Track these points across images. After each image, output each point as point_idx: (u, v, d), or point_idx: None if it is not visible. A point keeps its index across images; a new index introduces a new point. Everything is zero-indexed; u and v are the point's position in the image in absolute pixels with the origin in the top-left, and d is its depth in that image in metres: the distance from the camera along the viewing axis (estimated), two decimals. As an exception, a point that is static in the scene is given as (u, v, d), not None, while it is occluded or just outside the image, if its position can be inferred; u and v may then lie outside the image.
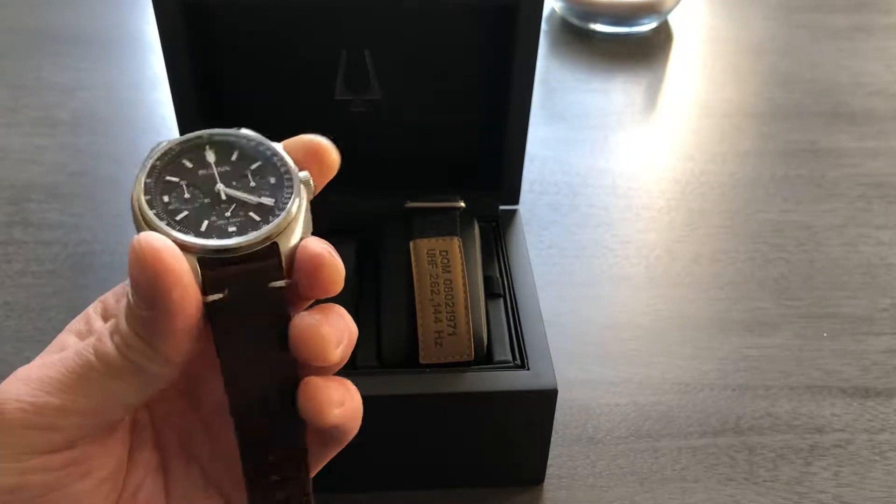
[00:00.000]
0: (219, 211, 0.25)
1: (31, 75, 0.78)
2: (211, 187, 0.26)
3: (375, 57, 0.50)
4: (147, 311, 0.23)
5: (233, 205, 0.25)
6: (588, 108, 0.77)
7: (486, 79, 0.51)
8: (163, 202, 0.25)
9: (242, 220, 0.25)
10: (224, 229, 0.25)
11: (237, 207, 0.25)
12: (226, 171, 0.26)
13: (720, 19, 0.91)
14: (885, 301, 0.59)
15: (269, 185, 0.26)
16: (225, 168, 0.26)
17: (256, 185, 0.26)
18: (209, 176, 0.26)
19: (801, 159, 0.71)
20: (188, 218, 0.25)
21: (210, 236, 0.24)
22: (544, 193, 0.67)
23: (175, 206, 0.25)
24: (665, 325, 0.57)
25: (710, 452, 0.49)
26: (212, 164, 0.26)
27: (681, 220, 0.65)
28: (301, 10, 0.48)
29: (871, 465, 0.49)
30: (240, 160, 0.26)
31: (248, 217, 0.25)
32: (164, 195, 0.25)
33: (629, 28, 0.87)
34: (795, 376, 0.54)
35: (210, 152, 0.26)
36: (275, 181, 0.26)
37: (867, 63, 0.83)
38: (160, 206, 0.25)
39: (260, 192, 0.26)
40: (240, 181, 0.26)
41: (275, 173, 0.26)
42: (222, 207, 0.25)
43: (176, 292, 0.22)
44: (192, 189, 0.25)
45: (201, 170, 0.26)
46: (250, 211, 0.25)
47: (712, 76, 0.82)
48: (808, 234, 0.64)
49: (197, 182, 0.26)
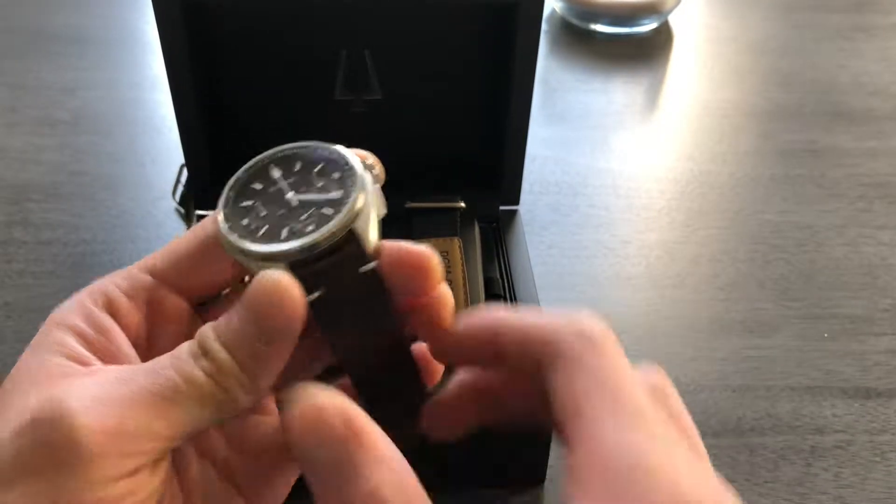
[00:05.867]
0: (294, 216, 0.26)
1: (31, 75, 0.78)
2: (282, 199, 0.27)
3: (375, 57, 0.50)
4: (266, 346, 0.23)
5: (306, 208, 0.26)
6: (588, 109, 0.77)
7: (486, 79, 0.51)
8: (242, 226, 0.26)
9: (317, 218, 0.26)
10: (302, 231, 0.25)
11: (310, 209, 0.26)
12: (293, 181, 0.27)
13: (720, 19, 0.91)
14: (886, 301, 0.59)
15: (335, 181, 0.27)
16: (291, 179, 0.27)
17: (324, 184, 0.27)
18: (278, 190, 0.27)
19: (801, 159, 0.71)
20: (268, 231, 0.26)
21: (291, 241, 0.25)
22: (544, 194, 0.67)
23: (255, 226, 0.26)
24: (665, 325, 0.57)
25: (711, 453, 0.48)
26: (278, 179, 0.27)
27: (681, 221, 0.65)
28: (301, 10, 0.48)
29: (872, 466, 0.49)
30: (303, 168, 0.27)
31: (322, 214, 0.26)
32: (242, 220, 0.26)
33: (629, 28, 0.87)
34: (796, 377, 0.54)
35: (275, 169, 0.28)
36: (339, 175, 0.27)
37: (867, 63, 0.83)
38: (241, 230, 0.26)
39: (328, 189, 0.26)
40: (307, 186, 0.27)
41: (338, 169, 0.27)
42: (296, 213, 0.26)
43: (296, 332, 0.23)
44: (266, 206, 0.27)
45: (271, 188, 0.27)
46: (322, 208, 0.26)
47: (712, 76, 0.82)
48: (809, 234, 0.64)
49: (269, 199, 0.27)
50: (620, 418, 0.21)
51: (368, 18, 0.49)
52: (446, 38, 0.50)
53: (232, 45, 0.49)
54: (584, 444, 0.21)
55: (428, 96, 0.52)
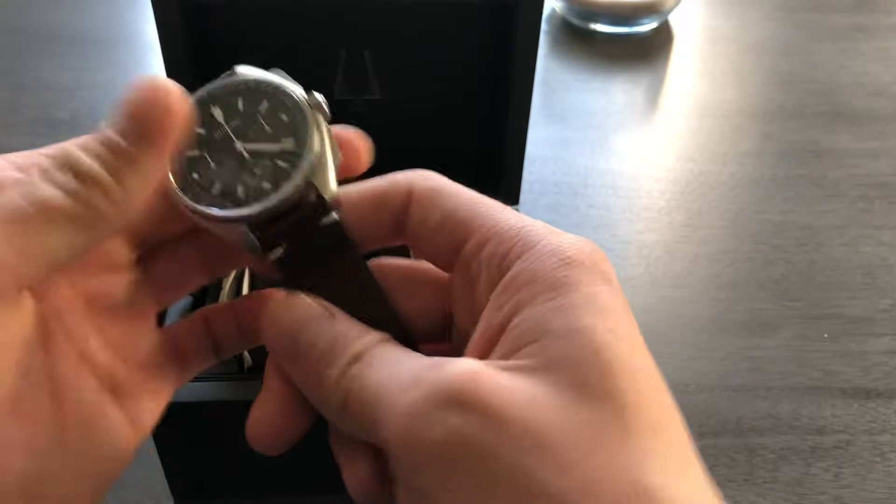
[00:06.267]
0: (247, 170, 0.25)
1: (31, 75, 0.78)
2: (230, 147, 0.25)
3: (375, 57, 0.50)
4: (135, 145, 0.22)
5: (258, 159, 0.25)
6: (588, 109, 0.77)
7: (485, 79, 0.51)
8: (194, 181, 0.25)
9: (272, 171, 0.25)
10: (260, 188, 0.24)
11: (262, 160, 0.25)
12: (237, 124, 0.26)
13: (720, 19, 0.91)
14: (886, 302, 0.59)
15: (285, 125, 0.25)
16: (236, 122, 0.26)
17: (272, 129, 0.25)
18: (225, 136, 0.25)
19: (802, 160, 0.71)
20: (224, 189, 0.25)
21: (249, 202, 0.24)
22: (544, 194, 0.67)
23: (206, 180, 0.25)
24: (665, 325, 0.57)
25: (711, 453, 0.49)
26: (222, 122, 0.26)
27: (681, 221, 0.65)
28: (300, 10, 0.48)
29: (872, 467, 0.49)
30: (246, 107, 0.26)
31: (276, 167, 0.25)
32: (192, 173, 0.25)
33: (629, 28, 0.86)
34: (796, 377, 0.54)
35: (216, 109, 0.26)
36: (287, 118, 0.26)
37: (868, 63, 0.83)
38: (194, 187, 0.25)
39: (278, 137, 0.25)
40: (255, 131, 0.26)
41: (284, 110, 0.26)
42: (249, 165, 0.25)
43: (174, 134, 0.22)
44: (215, 156, 0.25)
45: (215, 132, 0.26)
46: (276, 159, 0.25)
47: (712, 76, 0.82)
48: (809, 234, 0.64)
49: (216, 146, 0.25)
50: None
51: (368, 18, 0.49)
52: (446, 38, 0.50)
53: (232, 45, 0.49)
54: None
55: (427, 96, 0.52)
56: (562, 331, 0.20)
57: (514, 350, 0.21)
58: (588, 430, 0.19)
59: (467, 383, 0.19)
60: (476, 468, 0.18)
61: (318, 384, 0.23)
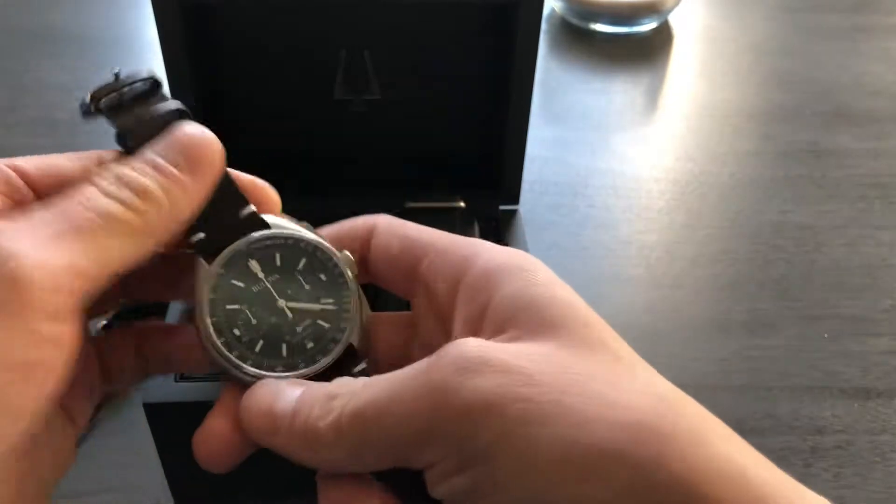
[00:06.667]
0: (289, 327, 0.26)
1: (31, 75, 0.78)
2: (272, 304, 0.26)
3: (375, 57, 0.50)
4: (185, 173, 0.25)
5: (299, 318, 0.26)
6: (588, 109, 0.77)
7: (485, 79, 0.51)
8: (235, 336, 0.26)
9: (314, 331, 0.26)
10: (303, 347, 0.26)
11: (304, 318, 0.26)
12: (276, 280, 0.27)
13: (720, 20, 0.91)
14: (886, 302, 0.59)
15: (323, 284, 0.27)
16: (275, 276, 0.27)
17: (311, 287, 0.27)
18: (265, 291, 0.26)
19: (802, 160, 0.71)
20: (266, 346, 0.26)
21: (297, 365, 0.26)
22: (545, 194, 0.67)
23: (249, 337, 0.26)
24: (665, 326, 0.57)
25: (711, 453, 0.49)
26: (261, 277, 0.27)
27: (681, 221, 0.65)
28: (300, 10, 0.48)
29: (872, 467, 0.49)
30: (284, 263, 0.27)
31: (318, 327, 0.26)
32: (233, 328, 0.26)
33: (629, 28, 0.86)
34: (796, 377, 0.54)
35: (254, 263, 0.27)
36: (326, 278, 0.27)
37: (868, 63, 0.83)
38: (235, 343, 0.26)
39: (318, 296, 0.27)
40: (294, 288, 0.27)
41: (322, 269, 0.27)
42: (291, 322, 0.26)
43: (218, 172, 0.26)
44: (255, 311, 0.26)
45: (254, 286, 0.26)
46: (318, 319, 0.26)
47: (712, 77, 0.82)
48: (809, 234, 0.64)
49: (256, 301, 0.26)
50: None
51: (368, 18, 0.49)
52: (446, 37, 0.50)
53: (232, 45, 0.49)
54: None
55: (427, 96, 0.52)
56: (536, 303, 0.24)
57: (500, 330, 0.23)
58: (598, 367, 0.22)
59: (483, 352, 0.21)
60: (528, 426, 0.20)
61: (311, 434, 0.23)
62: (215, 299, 0.26)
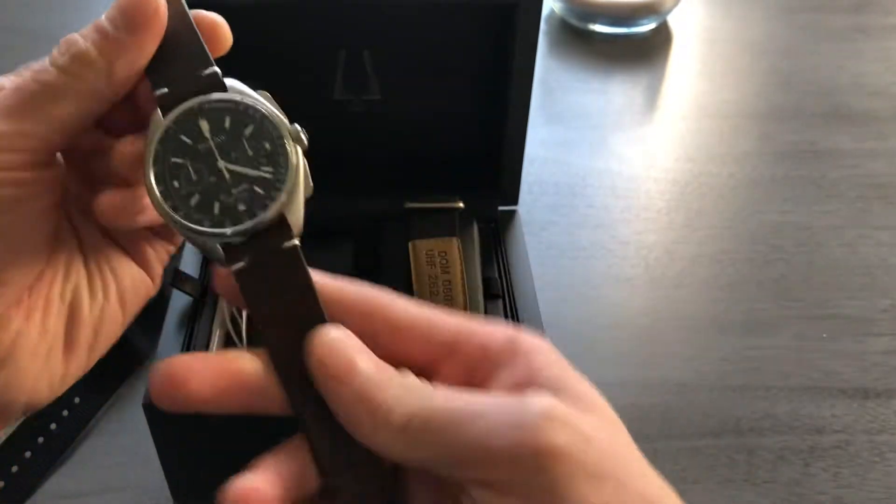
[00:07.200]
0: (225, 188, 0.27)
1: (31, 76, 0.78)
2: (213, 164, 0.27)
3: (374, 57, 0.50)
4: (122, 32, 0.27)
5: (237, 181, 0.27)
6: (587, 109, 0.77)
7: (484, 79, 0.51)
8: (175, 188, 0.27)
9: (248, 194, 0.27)
10: (234, 209, 0.27)
11: (241, 181, 0.27)
12: (222, 141, 0.27)
13: (719, 20, 0.91)
14: (885, 302, 0.59)
15: (266, 153, 0.28)
16: (221, 138, 0.28)
17: (254, 153, 0.28)
18: (208, 150, 0.27)
19: (801, 160, 0.71)
20: (201, 202, 0.27)
21: (224, 222, 0.27)
22: (543, 194, 0.67)
23: (186, 190, 0.27)
24: (664, 325, 0.57)
25: (710, 453, 0.49)
26: (207, 136, 0.28)
27: (680, 221, 0.65)
28: (300, 10, 0.48)
29: (871, 467, 0.49)
30: (233, 126, 0.28)
31: (253, 192, 0.27)
32: (173, 180, 0.27)
33: (628, 28, 0.87)
34: (795, 377, 0.54)
35: (204, 122, 0.28)
36: (270, 147, 0.28)
37: (867, 64, 0.83)
38: (174, 194, 0.27)
39: (258, 163, 0.27)
40: (238, 151, 0.27)
41: (268, 138, 0.28)
42: (228, 184, 0.27)
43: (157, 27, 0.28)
44: (196, 167, 0.27)
45: (200, 144, 0.27)
46: (253, 185, 0.27)
47: (711, 77, 0.82)
48: (808, 234, 0.64)
49: (199, 158, 0.27)
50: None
51: (367, 19, 0.49)
52: (445, 38, 0.50)
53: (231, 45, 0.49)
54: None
55: (427, 96, 0.52)
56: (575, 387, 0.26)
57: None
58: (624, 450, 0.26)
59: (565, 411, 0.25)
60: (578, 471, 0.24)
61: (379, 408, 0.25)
62: (161, 150, 0.27)
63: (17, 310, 0.29)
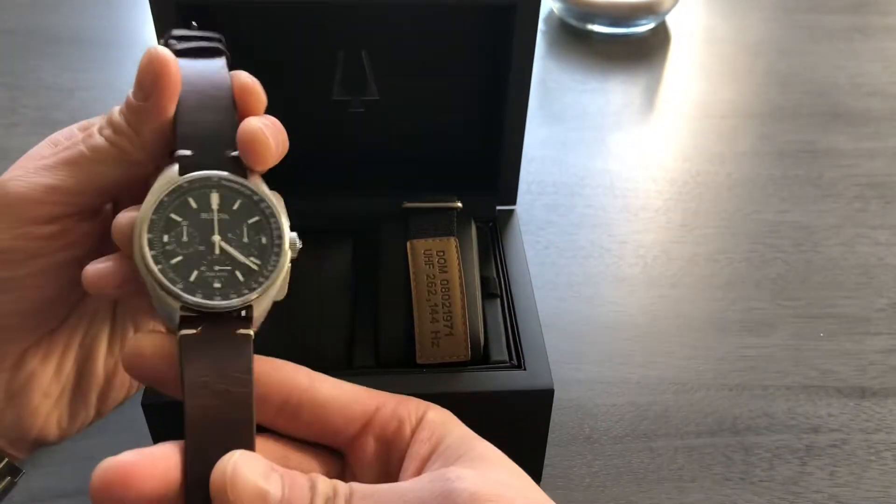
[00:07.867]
0: (209, 262, 0.27)
1: (30, 75, 0.78)
2: (208, 235, 0.28)
3: (373, 57, 0.50)
4: (144, 101, 0.30)
5: (222, 260, 0.28)
6: (585, 109, 0.77)
7: (483, 79, 0.52)
8: (162, 241, 0.27)
9: (227, 277, 0.27)
10: (210, 284, 0.27)
11: (226, 262, 0.28)
12: (225, 219, 0.28)
13: (718, 20, 0.91)
14: (882, 301, 0.59)
15: (260, 246, 0.28)
16: (224, 216, 0.28)
17: (249, 241, 0.28)
18: (209, 222, 0.28)
19: (799, 160, 0.71)
20: (182, 264, 0.27)
21: (195, 291, 0.27)
22: (542, 194, 0.67)
23: (173, 248, 0.27)
24: (662, 325, 0.57)
25: (707, 452, 0.49)
26: (214, 209, 0.28)
27: (678, 221, 0.65)
28: (298, 10, 0.48)
29: (867, 465, 0.49)
30: (240, 211, 0.28)
31: (234, 276, 0.28)
32: (164, 234, 0.27)
33: (627, 29, 0.87)
34: (792, 376, 0.54)
35: (215, 195, 0.28)
36: (265, 242, 0.28)
37: (865, 64, 0.84)
38: (159, 246, 0.27)
39: (250, 252, 0.28)
40: (235, 234, 0.28)
41: (267, 234, 0.28)
42: (213, 259, 0.28)
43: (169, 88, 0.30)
44: (190, 233, 0.28)
45: (204, 213, 0.28)
46: (237, 270, 0.28)
47: (710, 77, 0.82)
48: (806, 234, 0.64)
49: (196, 225, 0.28)
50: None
51: (365, 19, 0.49)
52: (443, 38, 0.50)
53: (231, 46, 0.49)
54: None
55: (425, 97, 0.52)
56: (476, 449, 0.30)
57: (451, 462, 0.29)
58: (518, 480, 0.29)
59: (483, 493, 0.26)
60: None
61: None
62: (165, 202, 0.28)
63: (36, 350, 0.31)
